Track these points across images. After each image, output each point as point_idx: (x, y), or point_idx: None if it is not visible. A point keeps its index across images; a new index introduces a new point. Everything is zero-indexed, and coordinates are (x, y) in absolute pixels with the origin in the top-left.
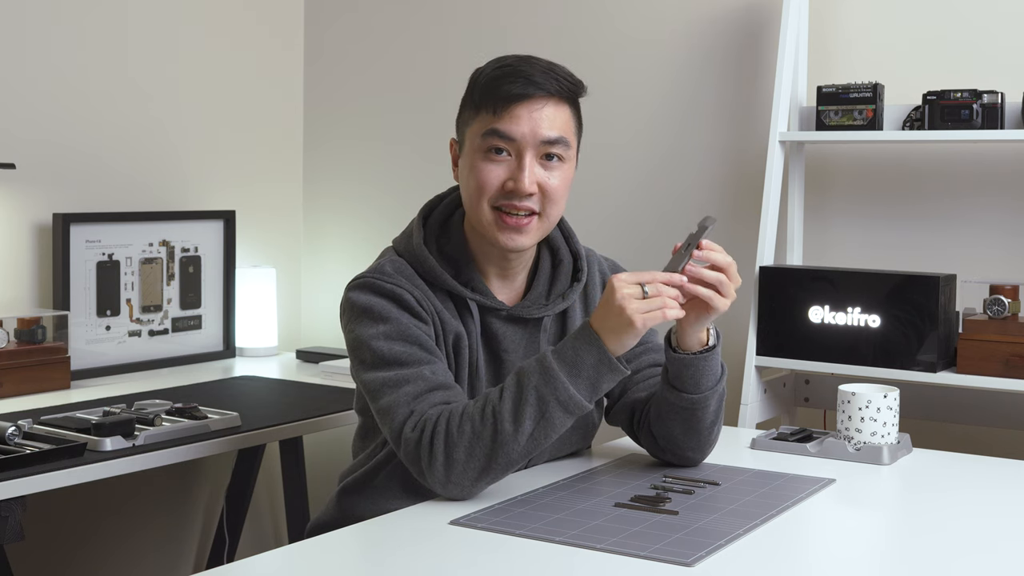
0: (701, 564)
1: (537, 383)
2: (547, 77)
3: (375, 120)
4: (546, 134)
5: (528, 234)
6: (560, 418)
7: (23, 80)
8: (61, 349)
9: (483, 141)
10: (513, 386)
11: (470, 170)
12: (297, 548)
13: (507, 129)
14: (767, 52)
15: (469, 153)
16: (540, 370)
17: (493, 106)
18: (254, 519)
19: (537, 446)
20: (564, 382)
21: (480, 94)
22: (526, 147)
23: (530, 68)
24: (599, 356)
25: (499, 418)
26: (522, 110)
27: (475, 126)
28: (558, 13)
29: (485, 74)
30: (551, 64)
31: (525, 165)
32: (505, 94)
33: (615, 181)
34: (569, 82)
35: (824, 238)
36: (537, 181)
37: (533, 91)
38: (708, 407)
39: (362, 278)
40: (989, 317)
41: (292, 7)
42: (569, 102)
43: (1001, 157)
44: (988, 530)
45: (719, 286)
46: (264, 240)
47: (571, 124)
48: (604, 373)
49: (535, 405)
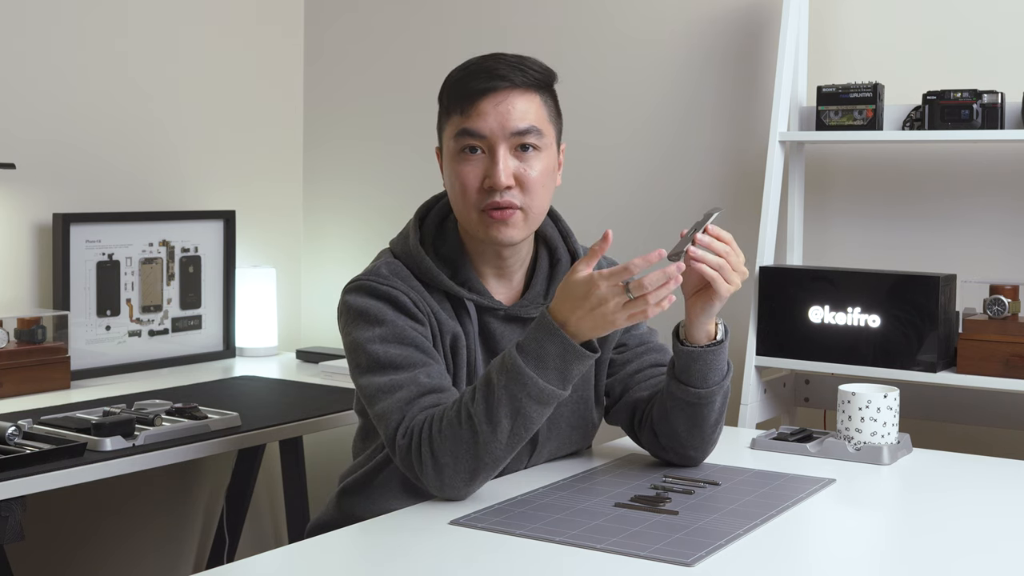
0: (701, 564)
1: (506, 382)
2: (511, 69)
3: (375, 120)
4: (516, 125)
5: (514, 226)
6: (536, 410)
7: (23, 80)
8: (61, 349)
9: (456, 142)
10: (483, 386)
11: (451, 174)
12: (297, 548)
13: (475, 126)
14: (767, 52)
15: (447, 157)
16: (506, 368)
17: (460, 106)
18: (254, 519)
19: (520, 440)
20: (532, 376)
21: (448, 96)
22: (497, 141)
23: (495, 63)
24: (563, 346)
25: (476, 420)
26: (487, 105)
27: (448, 129)
28: (558, 13)
29: (452, 77)
30: (519, 57)
31: (499, 159)
32: (470, 91)
33: (615, 181)
34: (535, 71)
35: (824, 238)
36: (514, 173)
37: (496, 84)
38: (713, 403)
39: (358, 280)
40: (989, 317)
41: (292, 7)
42: (538, 90)
43: (1001, 157)
44: (988, 530)
45: (721, 270)
46: (264, 240)
47: (543, 112)
48: (571, 361)
49: (508, 404)
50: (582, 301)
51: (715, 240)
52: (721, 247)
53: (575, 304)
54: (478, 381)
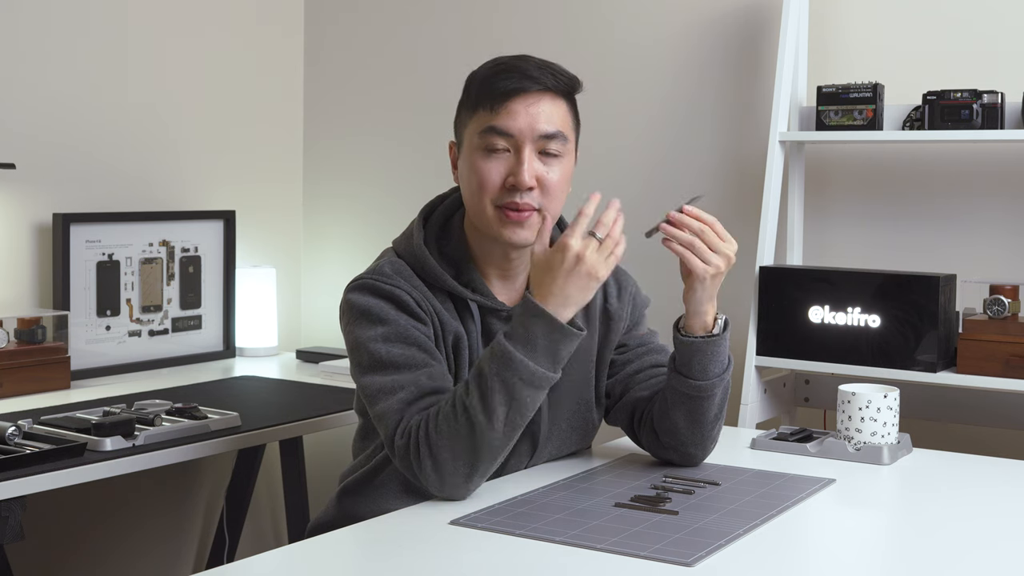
0: (701, 564)
1: (498, 369)
2: (543, 72)
3: (375, 120)
4: (543, 128)
5: (530, 228)
6: (530, 395)
7: (23, 80)
8: (61, 349)
9: (481, 139)
10: (476, 377)
11: (470, 169)
12: (297, 548)
13: (504, 125)
14: (767, 52)
15: (468, 152)
16: (497, 355)
17: (490, 103)
18: (254, 519)
19: (516, 428)
20: (522, 360)
21: (476, 92)
22: (524, 142)
23: (525, 64)
24: (549, 326)
25: (471, 412)
26: (518, 105)
27: (473, 125)
28: (558, 14)
29: (481, 73)
30: (546, 61)
31: (524, 159)
32: (501, 90)
33: (616, 182)
34: (565, 77)
35: (824, 238)
36: (536, 175)
37: (529, 86)
38: (713, 396)
39: (361, 279)
40: (989, 317)
41: (292, 7)
42: (565, 97)
43: (1001, 157)
44: (988, 530)
45: (692, 247)
46: (264, 240)
47: (568, 119)
48: (559, 340)
49: (501, 391)
50: (559, 267)
51: (691, 220)
52: (696, 225)
53: (554, 274)
54: (470, 374)
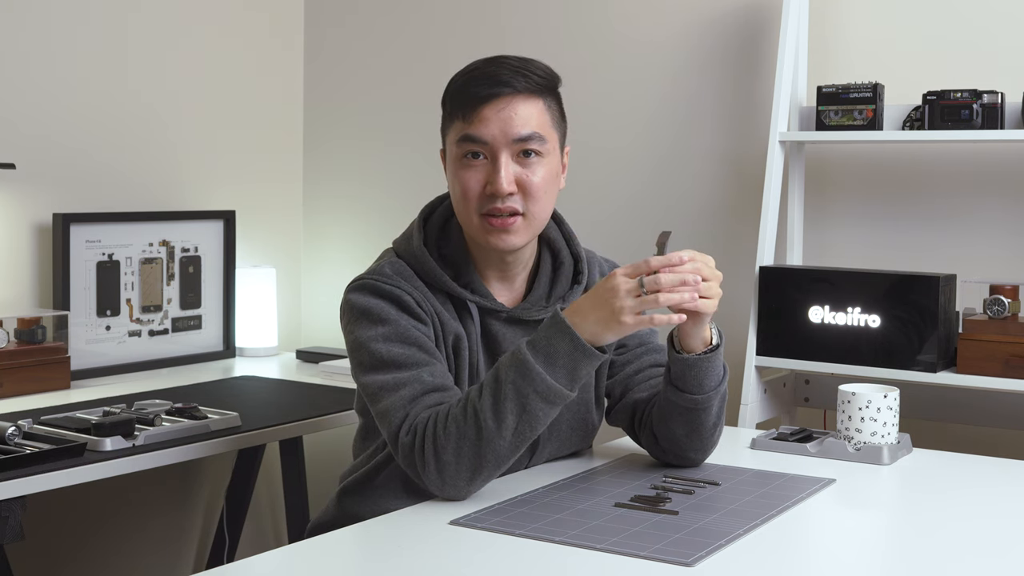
0: (701, 564)
1: (514, 378)
2: (514, 74)
3: (375, 120)
4: (518, 132)
5: (516, 233)
6: (543, 409)
7: (23, 80)
8: (61, 349)
9: (459, 148)
10: (491, 382)
11: (453, 178)
12: (297, 548)
13: (478, 133)
14: (767, 52)
15: (450, 162)
16: (516, 364)
17: (463, 112)
18: (254, 519)
19: (524, 439)
20: (541, 373)
21: (451, 101)
22: (499, 148)
23: (497, 68)
24: (572, 343)
25: (481, 416)
26: (489, 111)
27: (451, 134)
28: (558, 14)
29: (455, 82)
30: (523, 60)
31: (500, 166)
32: (472, 97)
33: (616, 182)
34: (537, 76)
35: (824, 238)
36: (516, 179)
37: (499, 90)
38: (711, 408)
39: (361, 280)
40: (989, 317)
41: (292, 7)
42: (541, 95)
43: (1001, 157)
44: (988, 530)
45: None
46: (264, 240)
47: (545, 117)
48: (580, 360)
49: (515, 400)
50: (594, 292)
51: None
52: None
53: (588, 297)
54: (486, 378)
